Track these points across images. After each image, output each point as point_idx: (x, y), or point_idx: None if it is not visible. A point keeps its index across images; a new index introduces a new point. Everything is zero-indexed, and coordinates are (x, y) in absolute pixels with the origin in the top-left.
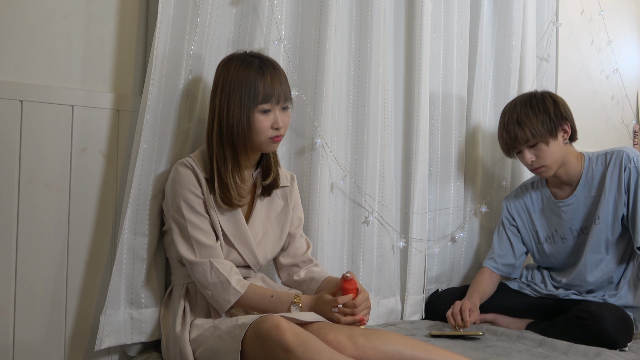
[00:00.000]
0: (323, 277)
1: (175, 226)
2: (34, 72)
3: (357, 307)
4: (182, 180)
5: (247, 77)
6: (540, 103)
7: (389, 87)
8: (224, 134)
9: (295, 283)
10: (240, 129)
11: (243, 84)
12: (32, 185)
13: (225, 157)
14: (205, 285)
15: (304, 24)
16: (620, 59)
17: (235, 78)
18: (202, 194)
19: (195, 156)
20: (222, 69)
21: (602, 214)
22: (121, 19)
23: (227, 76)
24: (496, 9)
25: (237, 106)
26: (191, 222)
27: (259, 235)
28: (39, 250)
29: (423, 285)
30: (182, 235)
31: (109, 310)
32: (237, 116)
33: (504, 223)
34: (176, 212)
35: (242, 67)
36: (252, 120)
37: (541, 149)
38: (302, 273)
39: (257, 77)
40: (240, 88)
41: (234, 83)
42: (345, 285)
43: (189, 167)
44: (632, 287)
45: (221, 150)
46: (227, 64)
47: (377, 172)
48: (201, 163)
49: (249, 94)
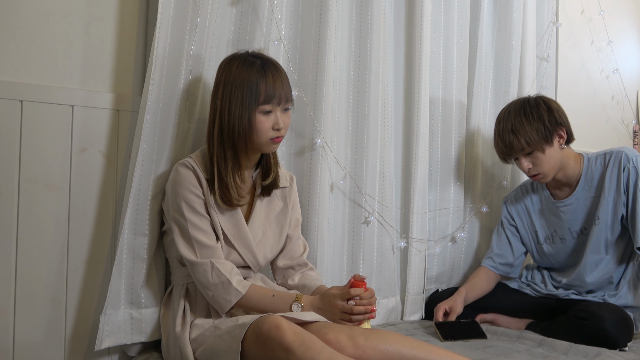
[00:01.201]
0: (315, 286)
1: (175, 227)
2: (34, 72)
3: (373, 297)
4: (183, 181)
5: (249, 78)
6: (535, 110)
7: (389, 87)
8: (225, 134)
9: (289, 287)
10: (242, 129)
11: (245, 84)
12: (32, 185)
13: (226, 157)
14: (206, 285)
15: (304, 24)
16: (620, 59)
17: (237, 78)
18: (202, 195)
19: (195, 156)
20: (223, 68)
21: (601, 215)
22: (121, 19)
23: (229, 76)
24: (496, 9)
25: (239, 106)
26: (192, 223)
27: (259, 236)
28: (39, 250)
29: (423, 285)
30: (182, 235)
31: (109, 310)
32: (238, 116)
33: (503, 223)
34: (177, 212)
35: (244, 67)
36: (253, 120)
37: (537, 156)
38: (296, 277)
39: (259, 78)
40: (242, 88)
41: (235, 83)
42: (357, 284)
43: (189, 167)
44: (632, 287)
45: (222, 150)
46: (229, 63)
47: (377, 172)
48: (201, 163)
49: (250, 95)
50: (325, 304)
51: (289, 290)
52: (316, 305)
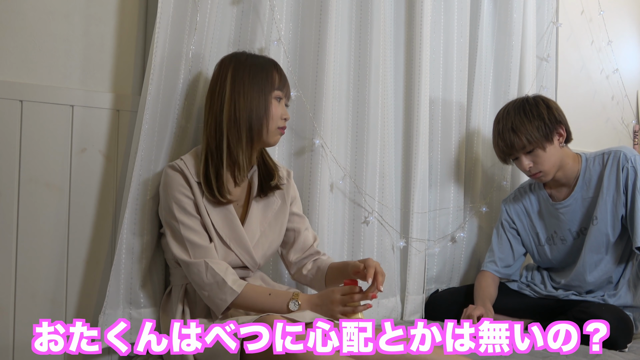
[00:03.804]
0: (326, 265)
1: (168, 229)
2: (34, 72)
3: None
4: (172, 182)
5: (262, 64)
6: (534, 109)
7: (389, 87)
8: (240, 118)
9: (304, 278)
10: (259, 112)
11: (258, 69)
12: (32, 185)
13: (242, 138)
14: (201, 285)
15: (304, 24)
16: (620, 59)
17: (251, 64)
18: (192, 195)
19: (185, 159)
20: (230, 59)
21: (600, 215)
22: (121, 19)
23: (239, 64)
24: (496, 9)
25: (255, 90)
26: (183, 224)
27: (256, 236)
28: (39, 250)
29: (423, 285)
30: (175, 237)
31: (107, 310)
32: (256, 99)
33: (504, 225)
34: (168, 214)
35: (253, 57)
36: (268, 104)
37: (538, 154)
38: (309, 265)
39: (270, 66)
40: (255, 72)
41: (248, 68)
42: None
43: (177, 169)
44: (631, 287)
45: (235, 133)
46: (236, 55)
47: (377, 171)
48: (192, 165)
49: (266, 79)
50: (324, 300)
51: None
52: (314, 302)
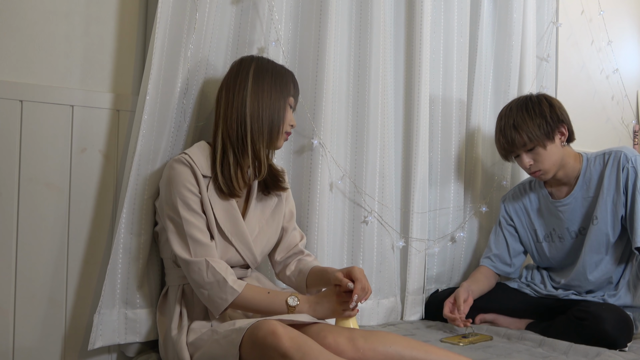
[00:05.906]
0: (308, 269)
1: (170, 224)
2: (34, 72)
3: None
4: (179, 177)
5: (282, 71)
6: (537, 106)
7: (389, 87)
8: (263, 115)
9: (288, 280)
10: (276, 115)
11: (280, 74)
12: (32, 185)
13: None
14: (201, 284)
15: (303, 24)
16: (620, 59)
17: (272, 68)
18: (199, 192)
19: (192, 152)
20: (251, 59)
21: (599, 214)
22: (121, 19)
23: (261, 64)
24: (496, 9)
25: (277, 92)
26: (187, 220)
27: (255, 232)
28: (39, 250)
29: (423, 285)
30: (177, 233)
31: (103, 310)
32: (276, 100)
33: (501, 223)
34: (171, 210)
35: (273, 63)
36: (285, 108)
37: (539, 152)
38: (292, 266)
39: (289, 73)
40: (277, 76)
41: (271, 71)
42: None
43: (186, 164)
44: (631, 287)
45: (258, 128)
46: (255, 57)
47: (377, 171)
48: (199, 159)
49: (285, 84)
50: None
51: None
52: (312, 300)
